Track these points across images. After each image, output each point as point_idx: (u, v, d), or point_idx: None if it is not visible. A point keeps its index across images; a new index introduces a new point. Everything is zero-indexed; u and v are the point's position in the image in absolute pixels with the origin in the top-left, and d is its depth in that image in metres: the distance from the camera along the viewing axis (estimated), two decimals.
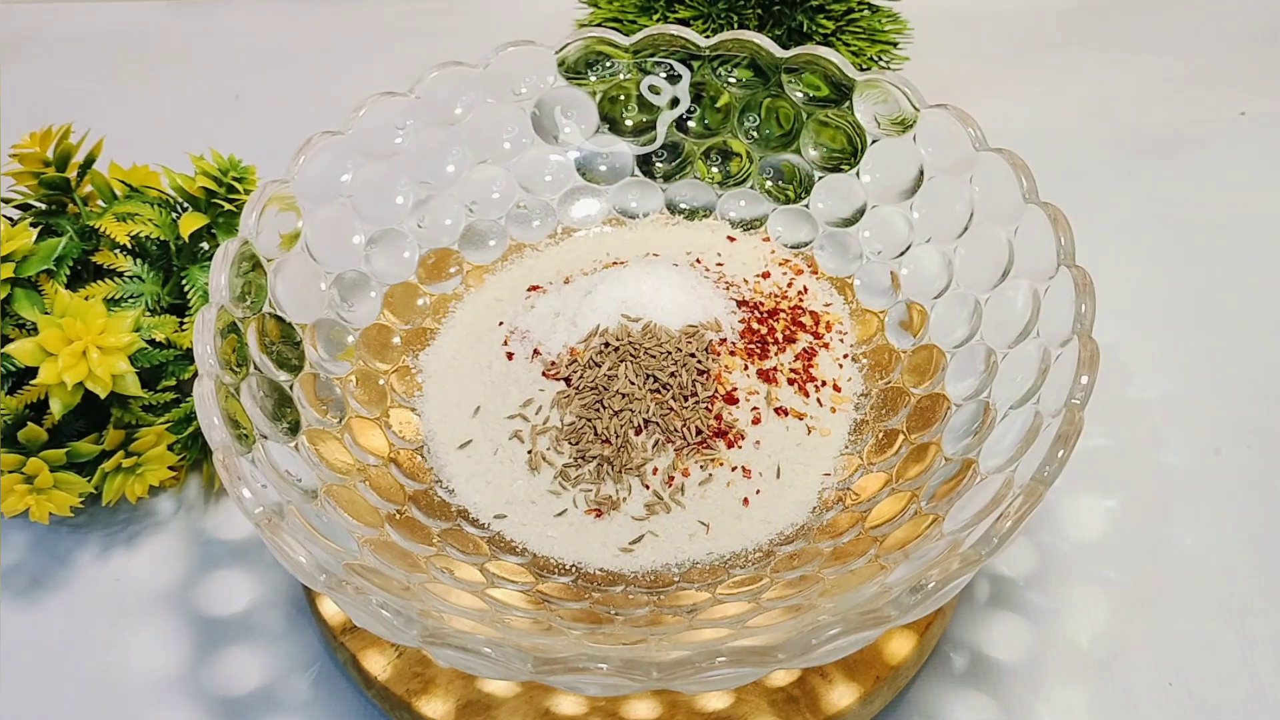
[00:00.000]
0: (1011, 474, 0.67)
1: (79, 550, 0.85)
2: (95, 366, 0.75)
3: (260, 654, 0.79)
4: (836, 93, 0.88)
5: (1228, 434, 0.90)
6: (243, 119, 1.23)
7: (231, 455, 0.65)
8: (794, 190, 0.92)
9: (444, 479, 0.80)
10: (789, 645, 0.58)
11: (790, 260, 0.92)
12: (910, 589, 0.60)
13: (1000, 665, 0.77)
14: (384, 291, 0.87)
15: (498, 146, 0.93)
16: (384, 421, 0.82)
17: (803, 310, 0.87)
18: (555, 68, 0.92)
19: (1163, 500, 0.86)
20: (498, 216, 0.94)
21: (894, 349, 0.85)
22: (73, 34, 1.35)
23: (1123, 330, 0.96)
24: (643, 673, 0.57)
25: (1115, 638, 0.78)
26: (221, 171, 0.89)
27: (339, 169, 0.84)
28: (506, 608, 0.69)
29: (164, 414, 0.84)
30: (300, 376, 0.77)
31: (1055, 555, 0.82)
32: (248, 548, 0.84)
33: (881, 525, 0.73)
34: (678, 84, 0.93)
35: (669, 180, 0.96)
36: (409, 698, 0.71)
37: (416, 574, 0.69)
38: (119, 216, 0.86)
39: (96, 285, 0.84)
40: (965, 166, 0.81)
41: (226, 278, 0.74)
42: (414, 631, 0.59)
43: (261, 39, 1.34)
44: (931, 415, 0.79)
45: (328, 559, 0.63)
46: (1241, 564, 0.82)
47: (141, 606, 0.82)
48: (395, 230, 0.88)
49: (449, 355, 0.87)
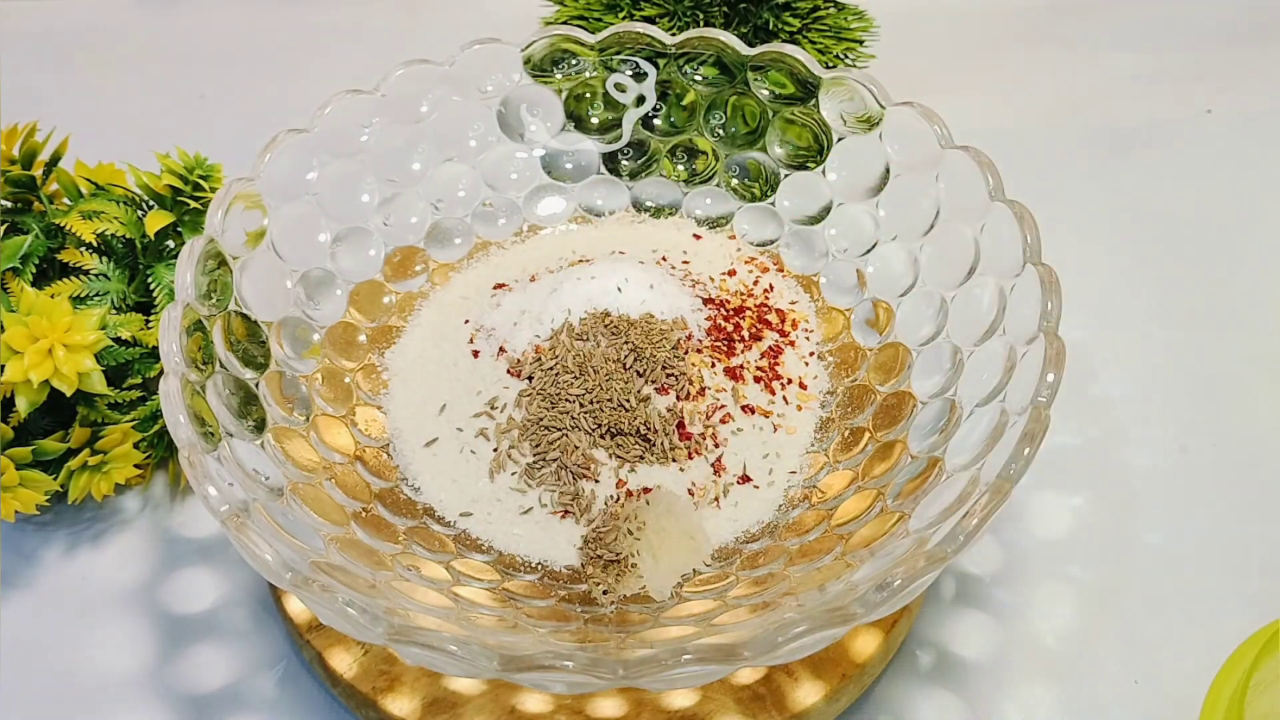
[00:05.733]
0: (977, 472, 0.67)
1: (45, 548, 0.85)
2: (61, 364, 0.75)
3: (226, 652, 0.79)
4: (802, 90, 0.88)
5: (1194, 431, 0.90)
6: (208, 117, 1.22)
7: (197, 453, 0.65)
8: (760, 188, 0.93)
9: (410, 477, 0.80)
10: (755, 643, 0.58)
11: (756, 258, 0.92)
12: (876, 587, 0.60)
13: (966, 663, 0.77)
14: (350, 289, 0.87)
15: (463, 144, 0.92)
16: (350, 419, 0.81)
17: (769, 308, 0.88)
18: (521, 65, 0.92)
19: (1129, 498, 0.86)
20: (463, 214, 0.93)
21: (860, 347, 0.85)
22: (38, 31, 1.34)
23: (1089, 328, 0.96)
24: (608, 671, 0.57)
25: (1081, 635, 0.79)
26: (187, 169, 0.89)
27: (305, 167, 0.84)
28: (473, 605, 0.69)
29: (130, 412, 0.84)
30: (266, 374, 0.77)
31: (1021, 553, 0.83)
32: (213, 546, 0.84)
33: (847, 523, 0.73)
34: (643, 82, 0.93)
35: (635, 178, 0.96)
36: (375, 695, 0.71)
37: (382, 572, 0.69)
38: (85, 214, 0.86)
39: (62, 283, 0.84)
40: (931, 164, 0.82)
41: (192, 275, 0.73)
42: (380, 629, 0.59)
43: (227, 37, 1.34)
44: (897, 413, 0.79)
45: (294, 557, 0.63)
46: (1208, 561, 0.82)
47: (107, 604, 0.81)
48: (361, 228, 0.88)
49: (415, 353, 0.87)
